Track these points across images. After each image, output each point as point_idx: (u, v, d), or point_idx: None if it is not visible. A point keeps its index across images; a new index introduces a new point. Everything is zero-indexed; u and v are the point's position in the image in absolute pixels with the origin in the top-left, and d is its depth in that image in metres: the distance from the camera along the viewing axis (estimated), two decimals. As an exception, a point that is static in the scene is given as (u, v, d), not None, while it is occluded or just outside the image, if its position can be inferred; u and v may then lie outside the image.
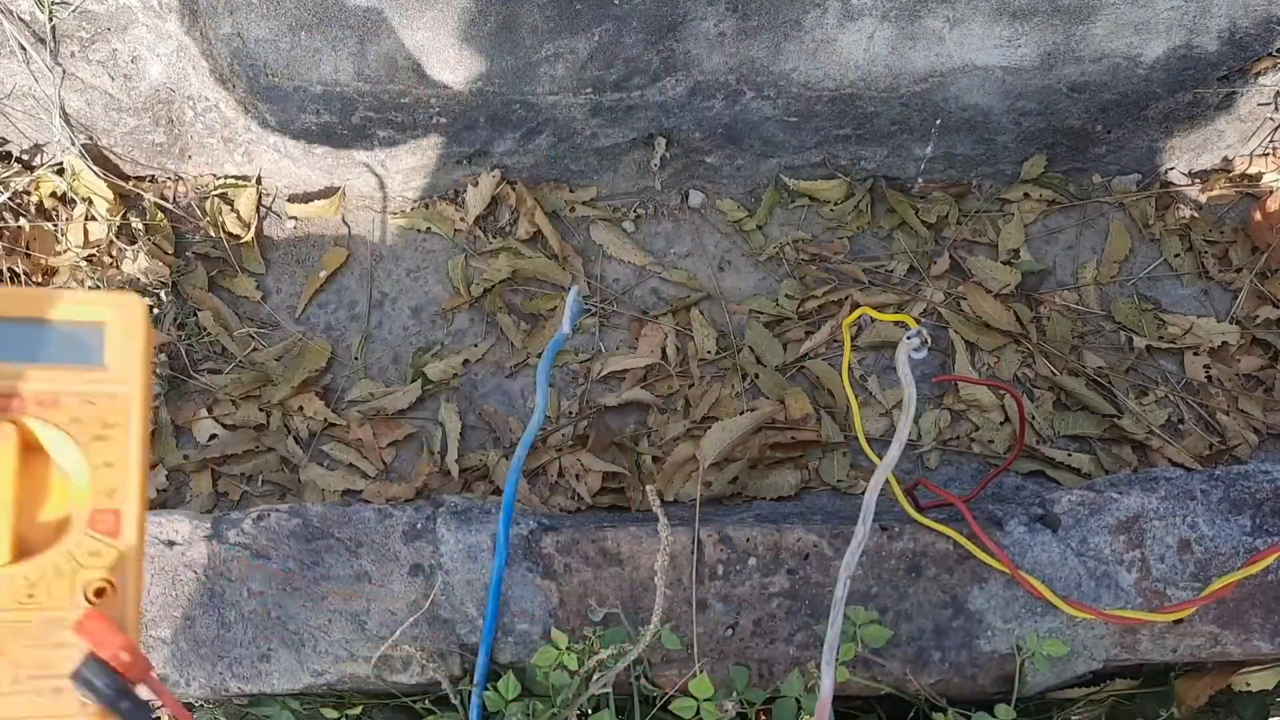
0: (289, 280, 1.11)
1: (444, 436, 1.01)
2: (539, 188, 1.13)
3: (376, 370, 1.07)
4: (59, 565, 0.47)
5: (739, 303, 1.09)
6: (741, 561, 0.68)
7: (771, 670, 0.66)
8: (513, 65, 0.97)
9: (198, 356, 1.05)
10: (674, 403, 1.03)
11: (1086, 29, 0.97)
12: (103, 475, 0.49)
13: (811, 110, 1.04)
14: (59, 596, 0.47)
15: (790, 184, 1.13)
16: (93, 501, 0.48)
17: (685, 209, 1.15)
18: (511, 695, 0.62)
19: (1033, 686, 0.68)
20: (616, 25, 0.95)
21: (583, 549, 0.69)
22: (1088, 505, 0.70)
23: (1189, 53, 1.00)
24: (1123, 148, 1.11)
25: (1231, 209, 1.14)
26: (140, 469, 0.50)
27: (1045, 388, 1.04)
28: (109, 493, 0.49)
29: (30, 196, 1.08)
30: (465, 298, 1.08)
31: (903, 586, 0.68)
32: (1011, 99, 1.04)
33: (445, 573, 0.68)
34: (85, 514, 0.48)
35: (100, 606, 0.47)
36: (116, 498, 0.49)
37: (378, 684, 0.67)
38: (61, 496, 0.49)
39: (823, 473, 0.99)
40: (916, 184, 1.14)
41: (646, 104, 1.03)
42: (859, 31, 0.97)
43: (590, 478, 0.97)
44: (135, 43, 0.97)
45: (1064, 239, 1.13)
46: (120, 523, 0.49)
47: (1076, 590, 0.67)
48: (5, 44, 0.96)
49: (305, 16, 0.92)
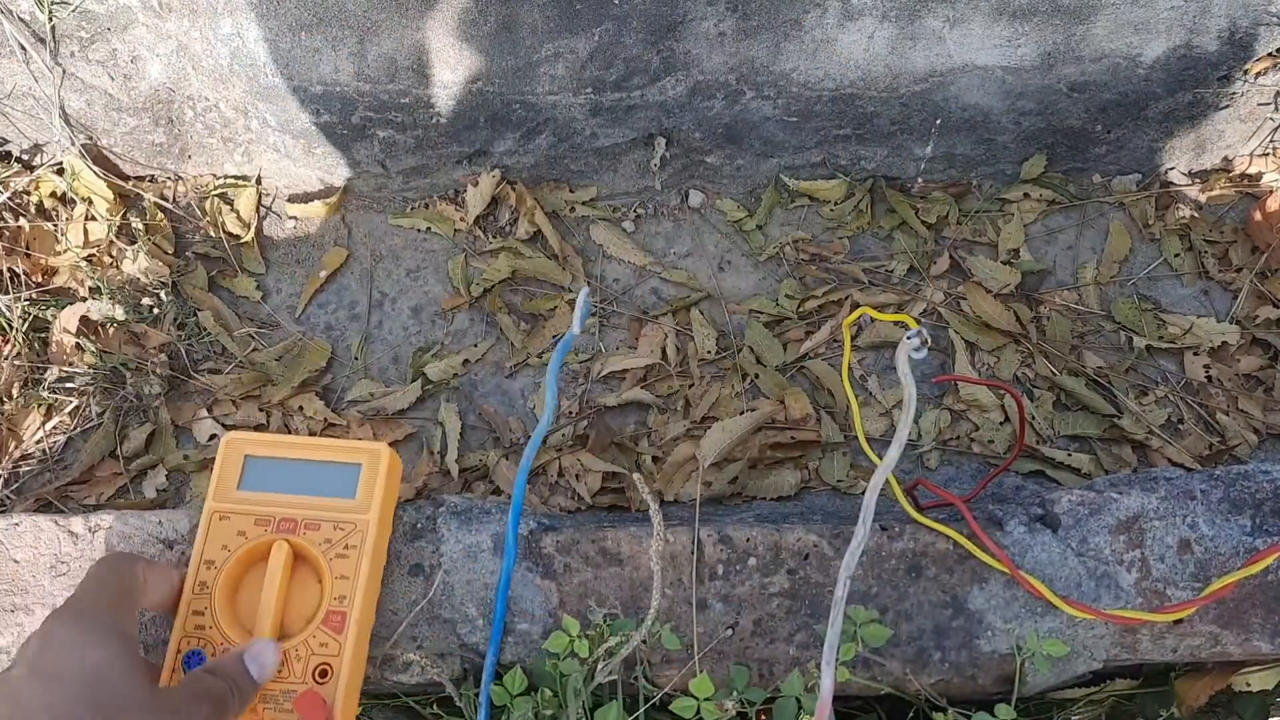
0: (289, 280, 1.11)
1: (444, 436, 1.01)
2: (539, 188, 1.13)
3: (376, 370, 1.07)
4: (299, 650, 0.60)
5: (739, 303, 1.09)
6: (741, 561, 0.68)
7: (771, 670, 0.66)
8: (513, 65, 0.97)
9: (198, 356, 1.05)
10: (674, 403, 1.03)
11: (1086, 29, 0.97)
12: (339, 584, 0.62)
13: (811, 110, 1.04)
14: (297, 673, 0.60)
15: (790, 184, 1.13)
16: (328, 604, 0.62)
17: (685, 209, 1.15)
18: (517, 690, 0.62)
19: (1033, 686, 0.68)
20: (616, 25, 0.94)
21: (583, 549, 0.69)
22: (1088, 505, 0.70)
23: (1189, 53, 1.00)
24: (1123, 148, 1.11)
25: (1231, 209, 1.14)
26: (367, 583, 0.63)
27: (1045, 388, 1.04)
28: (340, 598, 0.62)
29: (30, 196, 1.08)
30: (465, 298, 1.08)
31: (903, 586, 0.68)
32: (1011, 99, 1.04)
33: (445, 573, 0.68)
34: (323, 613, 0.61)
35: (322, 686, 0.60)
36: (345, 603, 0.62)
37: (378, 684, 0.67)
38: (311, 597, 0.63)
39: (823, 473, 0.99)
40: (916, 184, 1.14)
41: (646, 104, 1.03)
42: (859, 31, 0.97)
43: (590, 478, 0.97)
44: (135, 43, 0.97)
45: (1064, 239, 1.13)
46: (345, 622, 0.61)
47: (1076, 590, 0.67)
48: (5, 44, 0.96)
49: (305, 16, 0.92)
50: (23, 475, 0.99)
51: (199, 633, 0.61)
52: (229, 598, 0.63)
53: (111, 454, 1.00)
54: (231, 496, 0.65)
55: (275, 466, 0.65)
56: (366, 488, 0.65)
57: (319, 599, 0.62)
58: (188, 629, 0.61)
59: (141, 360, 1.04)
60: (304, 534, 0.63)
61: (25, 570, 0.68)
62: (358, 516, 0.64)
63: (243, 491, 0.65)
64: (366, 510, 0.64)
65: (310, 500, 0.64)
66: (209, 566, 0.63)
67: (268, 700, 0.59)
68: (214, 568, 0.63)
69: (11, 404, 1.01)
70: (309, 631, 0.61)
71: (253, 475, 0.66)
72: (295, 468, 0.65)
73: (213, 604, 0.62)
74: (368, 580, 0.63)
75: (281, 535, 0.63)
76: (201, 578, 0.62)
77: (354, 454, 0.65)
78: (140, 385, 1.02)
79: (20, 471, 0.99)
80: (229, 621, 0.61)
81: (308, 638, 0.61)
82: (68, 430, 1.01)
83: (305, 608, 0.62)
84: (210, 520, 0.64)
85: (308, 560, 0.63)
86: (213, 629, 0.61)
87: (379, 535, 0.65)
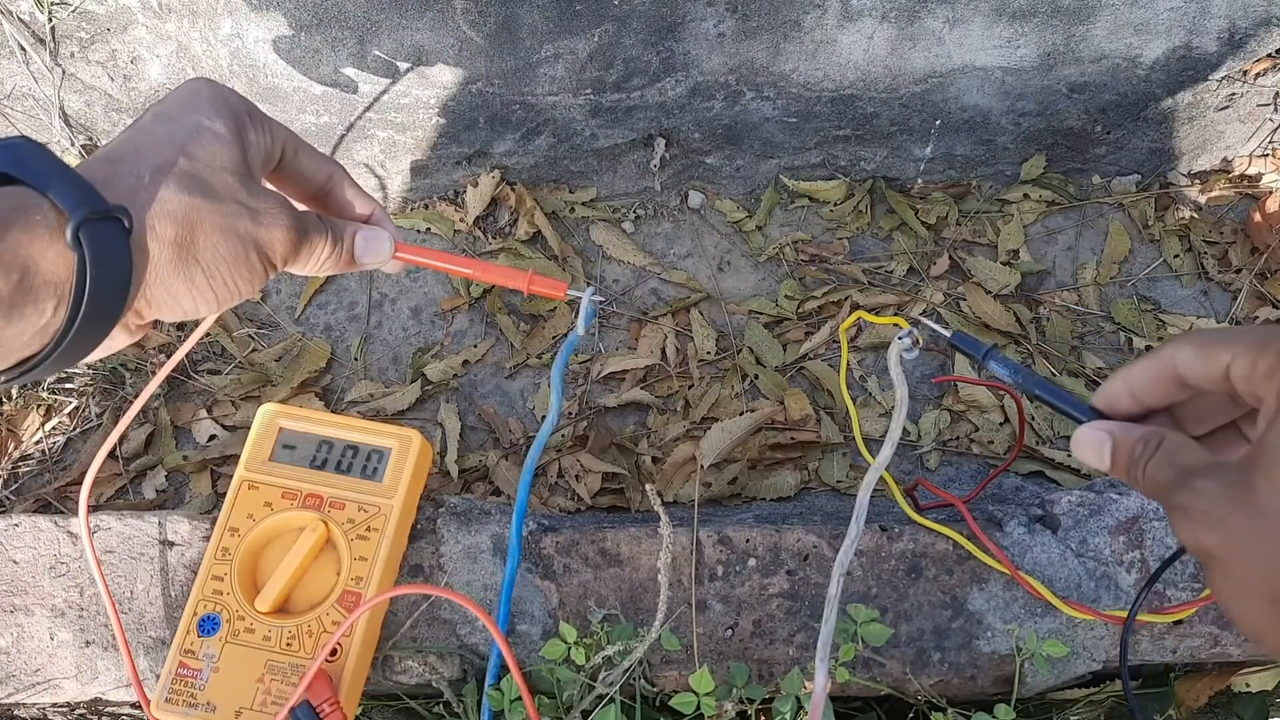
0: (288, 280, 1.11)
1: (443, 437, 1.01)
2: (538, 188, 1.13)
3: (376, 371, 1.07)
4: (312, 626, 0.61)
5: (739, 303, 1.09)
6: (741, 562, 0.68)
7: (771, 671, 0.66)
8: (512, 66, 0.97)
9: (197, 357, 1.05)
10: (673, 403, 1.03)
11: (1086, 30, 0.97)
12: (357, 566, 0.63)
13: (811, 111, 1.04)
14: (307, 649, 0.61)
15: (790, 184, 1.13)
16: (345, 584, 0.62)
17: (685, 209, 1.15)
18: (514, 695, 0.62)
19: (1032, 687, 0.68)
20: (616, 26, 0.94)
21: (582, 550, 0.69)
22: (1087, 506, 0.70)
23: (1188, 53, 1.00)
24: (1122, 148, 1.11)
25: (1231, 210, 1.14)
26: (384, 566, 0.63)
27: (1045, 388, 1.04)
28: (357, 579, 0.63)
29: (30, 197, 1.08)
30: (465, 298, 1.08)
31: (902, 587, 0.68)
32: (1011, 100, 1.04)
33: (445, 573, 0.68)
34: (338, 593, 0.62)
35: (331, 665, 0.60)
36: (361, 584, 0.62)
37: (378, 685, 0.67)
38: (329, 576, 0.64)
39: (822, 473, 0.99)
40: (916, 184, 1.14)
41: (646, 104, 1.03)
42: (859, 32, 0.97)
43: (590, 478, 0.97)
44: (135, 43, 0.97)
45: (1063, 240, 1.13)
46: (359, 603, 0.61)
47: (1076, 591, 0.67)
48: (5, 44, 0.96)
49: (305, 16, 0.92)
50: (22, 476, 0.99)
51: (216, 597, 0.62)
52: (249, 566, 0.64)
53: (110, 454, 1.00)
54: (262, 467, 0.66)
55: (308, 442, 0.66)
56: (395, 472, 0.65)
57: (336, 578, 0.63)
58: (205, 593, 0.62)
59: (141, 361, 1.04)
60: (329, 512, 0.64)
61: (25, 570, 0.68)
62: (383, 500, 0.64)
63: (274, 463, 0.66)
64: (392, 495, 0.65)
65: (338, 479, 0.65)
66: (233, 534, 0.63)
67: (274, 673, 0.60)
68: (238, 535, 0.63)
69: (11, 404, 1.01)
70: (323, 609, 0.61)
71: (285, 448, 0.67)
72: (327, 445, 0.66)
73: (233, 570, 0.62)
74: (386, 563, 0.63)
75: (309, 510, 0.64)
76: (225, 544, 0.63)
77: (386, 438, 0.66)
78: (139, 385, 1.02)
79: (20, 472, 0.99)
80: (247, 589, 0.62)
81: (321, 615, 0.61)
82: (67, 431, 1.01)
83: (322, 586, 0.63)
84: (239, 488, 0.65)
85: (329, 538, 0.64)
86: (230, 595, 0.62)
87: (402, 520, 0.65)
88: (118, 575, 0.68)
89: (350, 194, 0.52)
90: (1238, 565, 0.30)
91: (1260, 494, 0.30)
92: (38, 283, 0.35)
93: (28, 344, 0.37)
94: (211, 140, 0.42)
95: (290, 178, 0.49)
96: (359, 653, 0.61)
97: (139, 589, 0.68)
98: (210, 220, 0.41)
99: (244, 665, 0.60)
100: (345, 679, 0.60)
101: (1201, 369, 0.35)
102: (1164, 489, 0.34)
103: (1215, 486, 0.32)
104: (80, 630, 0.67)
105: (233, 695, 0.60)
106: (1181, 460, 0.34)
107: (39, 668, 0.67)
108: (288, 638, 0.61)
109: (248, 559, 0.63)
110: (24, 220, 0.35)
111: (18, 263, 0.34)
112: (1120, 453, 0.37)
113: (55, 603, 0.68)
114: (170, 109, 0.43)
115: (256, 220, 0.43)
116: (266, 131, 0.46)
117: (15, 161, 0.36)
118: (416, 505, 0.69)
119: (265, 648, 0.61)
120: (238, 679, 0.60)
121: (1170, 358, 0.36)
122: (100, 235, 0.36)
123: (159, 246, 0.40)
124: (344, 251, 0.49)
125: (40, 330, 0.36)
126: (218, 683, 0.60)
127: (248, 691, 0.60)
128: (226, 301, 0.44)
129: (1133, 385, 0.38)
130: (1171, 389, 0.37)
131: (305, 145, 0.49)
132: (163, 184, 0.40)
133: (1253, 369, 0.32)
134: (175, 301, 0.42)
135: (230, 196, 0.42)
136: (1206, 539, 0.31)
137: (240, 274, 0.43)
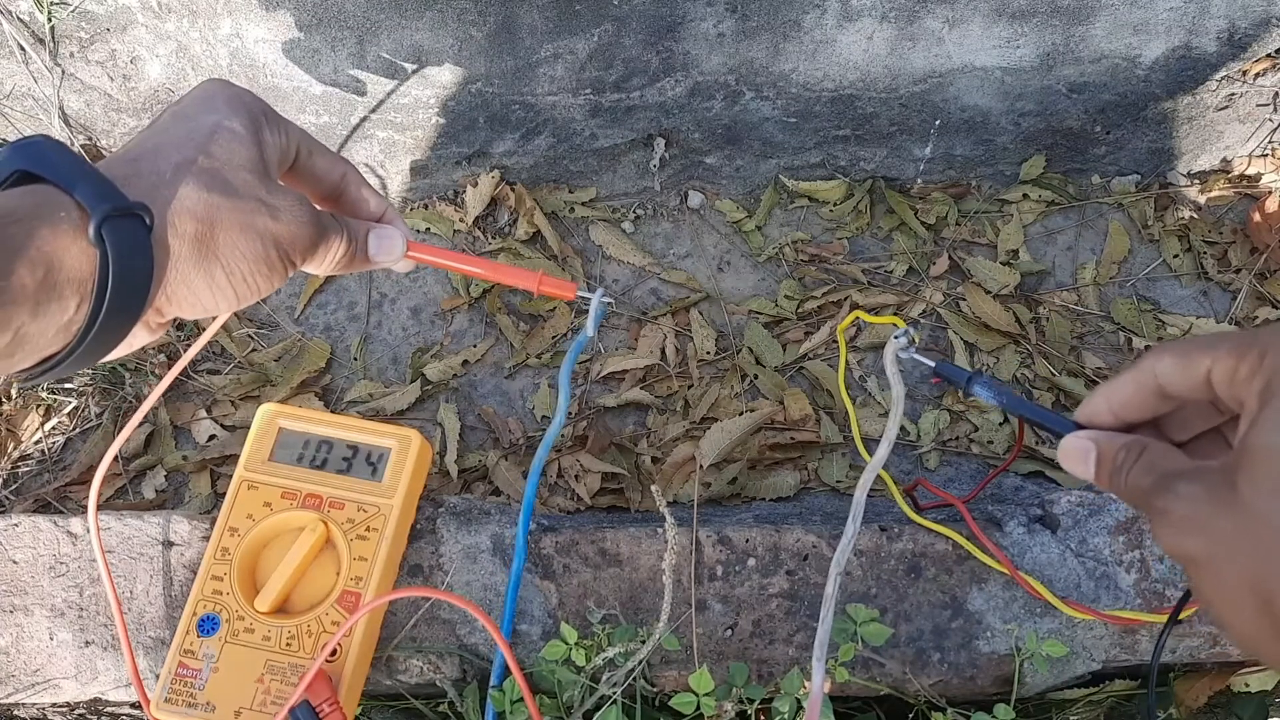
0: (289, 280, 1.11)
1: (443, 437, 1.01)
2: (538, 188, 1.13)
3: (375, 371, 1.07)
4: (311, 626, 0.61)
5: (738, 303, 1.09)
6: (740, 562, 0.68)
7: (771, 671, 0.66)
8: (512, 65, 0.97)
9: (197, 357, 1.05)
10: (673, 403, 1.03)
11: (1086, 30, 0.97)
12: (356, 566, 0.62)
13: (811, 111, 1.04)
14: (306, 649, 0.60)
15: (789, 184, 1.13)
16: (344, 584, 0.62)
17: (685, 209, 1.15)
18: (515, 696, 0.62)
19: (1032, 687, 0.68)
20: (616, 26, 0.94)
21: (582, 550, 0.69)
22: (1087, 506, 0.70)
23: (1188, 54, 1.00)
24: (1122, 148, 1.11)
25: (1230, 210, 1.14)
26: (384, 566, 0.63)
27: (1044, 388, 1.04)
28: (356, 579, 0.62)
29: (29, 197, 1.08)
30: (464, 298, 1.08)
31: (902, 587, 0.68)
32: (1010, 100, 1.04)
33: (445, 574, 0.68)
34: (338, 593, 0.62)
35: (330, 665, 0.60)
36: (361, 584, 0.62)
37: (380, 684, 0.67)
38: (328, 576, 0.63)
39: (822, 473, 0.99)
40: (916, 184, 1.14)
41: (646, 104, 1.03)
42: (858, 32, 0.97)
43: (589, 478, 0.97)
44: (134, 43, 0.97)
45: (1063, 240, 1.13)
46: (359, 603, 0.61)
47: (1076, 591, 0.67)
48: (5, 44, 0.96)
49: (304, 17, 0.92)
50: (22, 476, 0.99)
51: (216, 597, 0.62)
52: (249, 566, 0.63)
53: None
54: (262, 467, 0.66)
55: (308, 442, 0.66)
56: (394, 472, 0.65)
57: (335, 578, 0.63)
58: (205, 592, 0.62)
59: (140, 361, 1.04)
60: (328, 512, 0.64)
61: (24, 571, 0.68)
62: (382, 500, 0.64)
63: (274, 463, 0.66)
64: (392, 495, 0.65)
65: (338, 479, 0.65)
66: (233, 534, 0.63)
67: (274, 673, 0.60)
68: (237, 535, 0.63)
69: (10, 404, 1.01)
70: (322, 609, 0.61)
71: (285, 448, 0.66)
72: (327, 445, 0.66)
73: (233, 570, 0.62)
74: (385, 564, 0.63)
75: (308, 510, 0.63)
76: (224, 544, 0.63)
77: (386, 438, 0.66)
78: (139, 386, 1.02)
79: (19, 472, 0.99)
80: (247, 590, 0.62)
81: (320, 615, 0.61)
82: (66, 431, 1.01)
83: (321, 585, 0.63)
84: (239, 488, 0.65)
85: (329, 538, 0.64)
86: (229, 595, 0.62)
87: (401, 520, 0.65)
88: (117, 575, 0.68)
89: (363, 193, 0.52)
90: (1223, 569, 0.30)
91: (1244, 496, 0.29)
92: (61, 279, 0.35)
93: (51, 341, 0.37)
94: (230, 139, 0.42)
95: (304, 177, 0.50)
96: (359, 653, 0.61)
97: (139, 589, 0.68)
98: (230, 217, 0.41)
99: (243, 665, 0.60)
100: (345, 679, 0.60)
101: (1182, 377, 0.34)
102: (1146, 495, 0.34)
103: (1198, 490, 0.31)
104: (80, 630, 0.67)
105: (232, 695, 0.60)
106: (1163, 466, 0.34)
107: (39, 668, 0.67)
108: (287, 638, 0.61)
109: (247, 559, 0.63)
110: (49, 217, 0.35)
111: (43, 259, 0.35)
112: (1104, 461, 0.37)
113: (55, 603, 0.68)
114: (188, 109, 0.43)
115: (276, 217, 0.43)
116: (282, 132, 0.46)
117: (39, 160, 0.37)
118: (416, 505, 0.69)
119: (265, 648, 0.61)
120: (237, 679, 0.60)
121: (1150, 369, 0.36)
122: (122, 232, 0.36)
123: (180, 243, 0.40)
124: (358, 250, 0.50)
125: (63, 327, 0.37)
126: (217, 683, 0.60)
127: (247, 691, 0.60)
128: (246, 299, 0.44)
129: (1114, 402, 0.38)
130: (1153, 402, 0.37)
131: (319, 145, 0.50)
132: (183, 181, 0.40)
133: (1234, 373, 0.32)
134: (195, 298, 0.42)
135: (250, 194, 0.42)
136: (1189, 544, 0.31)
137: (260, 271, 0.43)
